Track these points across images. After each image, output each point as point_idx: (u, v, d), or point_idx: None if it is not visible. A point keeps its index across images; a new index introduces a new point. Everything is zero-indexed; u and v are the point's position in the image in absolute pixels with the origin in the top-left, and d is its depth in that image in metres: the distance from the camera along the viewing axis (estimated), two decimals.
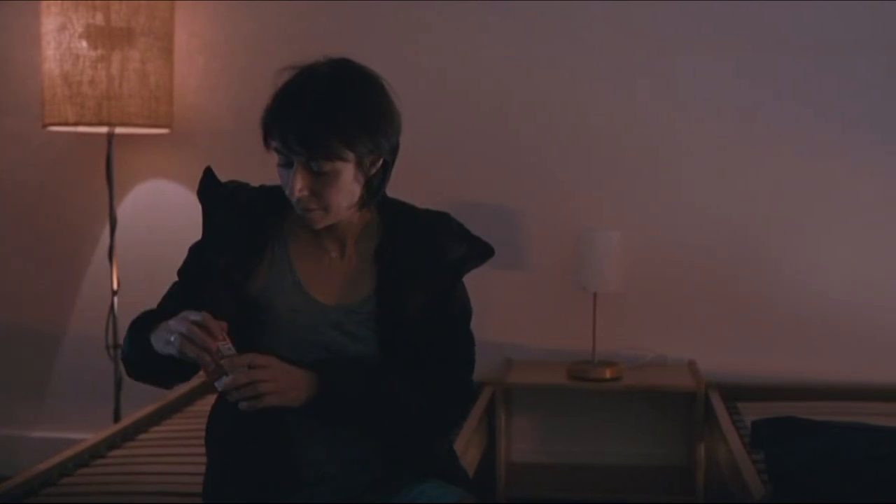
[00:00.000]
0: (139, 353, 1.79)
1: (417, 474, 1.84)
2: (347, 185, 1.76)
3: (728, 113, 3.41)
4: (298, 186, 1.73)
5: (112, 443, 2.77)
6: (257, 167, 3.02)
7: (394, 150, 1.82)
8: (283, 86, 1.77)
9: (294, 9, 3.50)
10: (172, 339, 1.65)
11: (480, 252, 1.89)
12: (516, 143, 3.49)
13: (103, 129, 3.37)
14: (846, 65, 3.35)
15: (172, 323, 1.67)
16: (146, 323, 1.80)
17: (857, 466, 1.83)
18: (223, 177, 1.92)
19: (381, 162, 1.80)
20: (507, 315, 3.39)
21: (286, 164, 1.76)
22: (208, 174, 1.90)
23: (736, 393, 3.27)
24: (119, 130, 3.39)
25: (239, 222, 1.84)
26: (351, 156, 1.74)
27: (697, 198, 3.44)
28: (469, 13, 3.46)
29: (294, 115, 1.72)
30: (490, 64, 3.47)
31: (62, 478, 2.47)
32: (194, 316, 1.65)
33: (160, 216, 3.60)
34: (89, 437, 2.77)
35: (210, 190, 1.89)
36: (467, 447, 2.79)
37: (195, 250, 1.90)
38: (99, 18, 3.20)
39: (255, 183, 1.94)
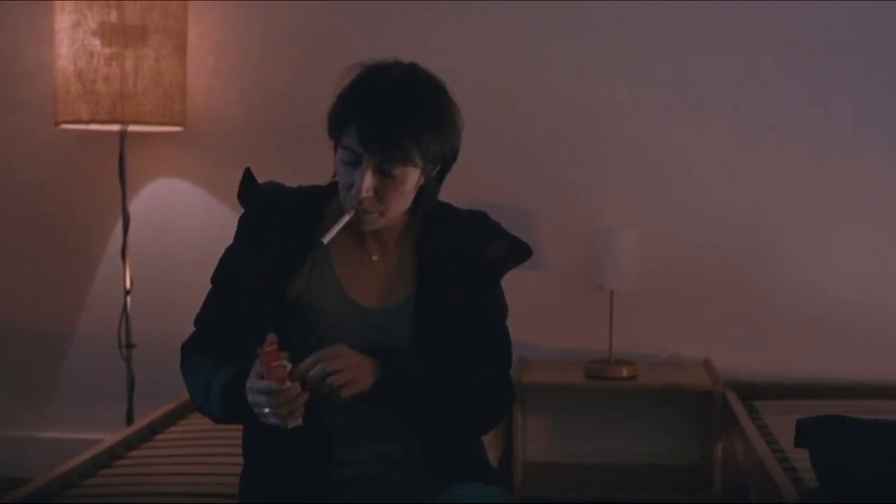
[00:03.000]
0: (222, 415, 1.78)
1: (455, 474, 1.83)
2: (410, 190, 1.76)
3: (739, 113, 3.41)
4: (366, 186, 1.70)
5: (129, 443, 2.76)
6: (270, 165, 3.01)
7: (455, 156, 1.81)
8: (356, 82, 1.74)
9: (304, 8, 3.49)
10: (258, 411, 1.65)
11: (520, 252, 1.89)
12: (529, 143, 3.48)
13: (115, 127, 3.35)
14: (857, 65, 3.36)
15: (249, 396, 1.65)
16: (210, 371, 1.77)
17: None
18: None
19: (438, 168, 1.79)
20: (522, 315, 3.32)
21: (352, 163, 1.72)
22: (248, 176, 1.87)
23: (750, 391, 3.28)
24: (132, 128, 3.36)
25: (278, 225, 1.81)
26: (420, 162, 1.73)
27: (710, 198, 3.44)
28: (479, 13, 3.45)
29: (375, 115, 1.69)
30: (501, 64, 3.47)
31: (84, 479, 2.45)
32: (258, 385, 1.63)
33: (173, 214, 3.58)
34: (106, 438, 2.76)
35: (249, 192, 1.86)
36: (487, 447, 2.77)
37: (231, 254, 1.86)
38: (113, 16, 3.18)
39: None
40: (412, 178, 1.74)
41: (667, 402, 3.44)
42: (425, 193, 1.80)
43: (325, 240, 1.71)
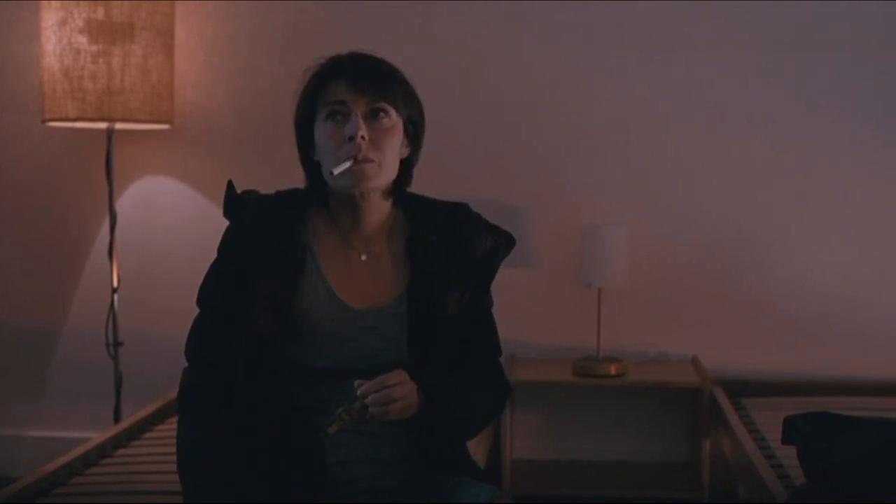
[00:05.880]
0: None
1: (447, 472, 1.83)
2: (398, 144, 1.79)
3: (732, 111, 3.41)
4: (362, 131, 1.72)
5: (118, 441, 2.75)
6: (257, 163, 2.99)
7: (422, 125, 1.85)
8: (327, 60, 1.80)
9: (293, 5, 3.48)
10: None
11: (506, 242, 1.90)
12: (520, 140, 3.48)
13: (103, 125, 3.33)
14: (852, 64, 3.36)
15: None
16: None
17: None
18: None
19: (412, 133, 1.83)
20: (511, 312, 3.34)
21: (340, 118, 1.74)
22: (231, 190, 1.84)
23: (738, 389, 3.29)
24: (119, 126, 3.35)
25: (271, 234, 1.79)
26: (402, 109, 1.78)
27: (699, 195, 3.44)
28: (473, 12, 3.44)
29: (359, 61, 1.77)
30: (494, 62, 3.46)
31: (72, 477, 2.44)
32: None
33: (160, 212, 3.56)
34: (95, 436, 2.75)
35: (235, 206, 1.82)
36: (476, 445, 2.78)
37: (222, 271, 1.81)
38: (100, 13, 3.16)
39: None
40: (397, 130, 1.78)
41: (655, 400, 3.45)
42: (407, 165, 1.84)
43: (336, 171, 1.72)
